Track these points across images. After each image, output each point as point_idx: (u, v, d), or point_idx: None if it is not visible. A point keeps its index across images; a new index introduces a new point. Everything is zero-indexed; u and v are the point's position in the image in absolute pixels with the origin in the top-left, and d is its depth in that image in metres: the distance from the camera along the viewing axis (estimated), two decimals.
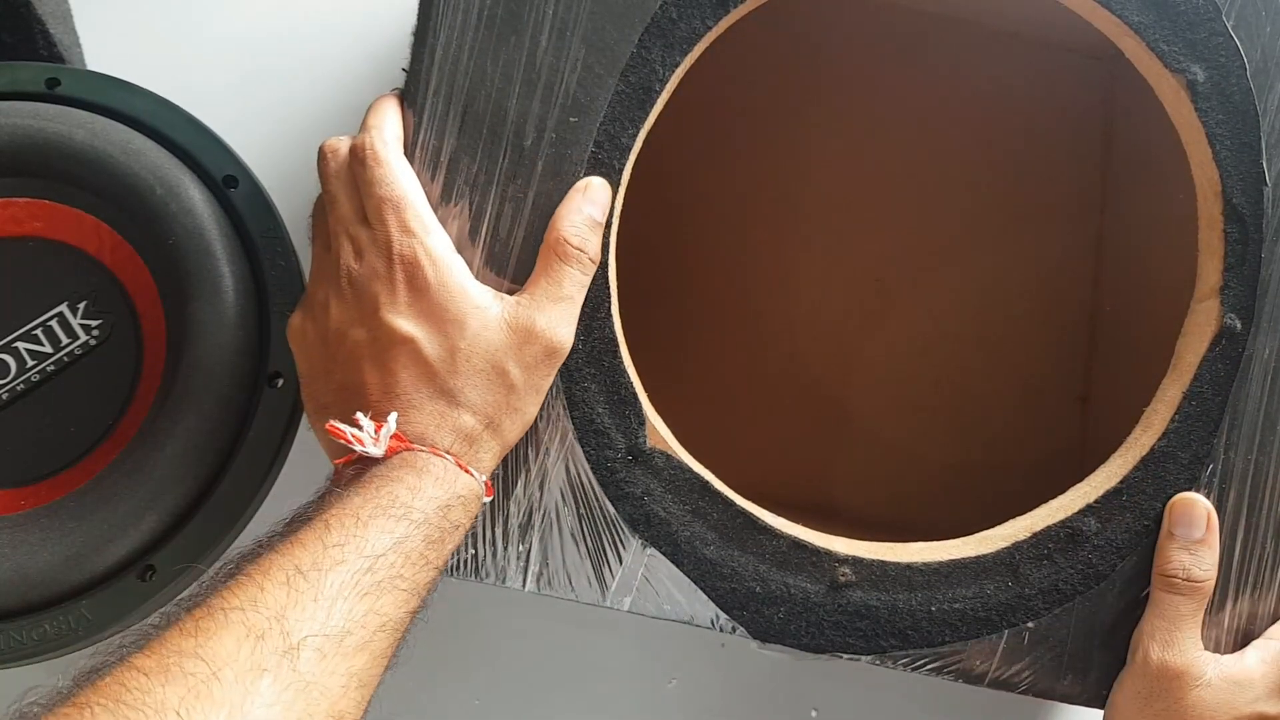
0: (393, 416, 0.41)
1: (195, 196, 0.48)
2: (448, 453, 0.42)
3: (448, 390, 0.42)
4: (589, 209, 0.45)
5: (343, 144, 0.45)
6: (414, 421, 0.42)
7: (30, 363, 0.49)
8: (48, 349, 0.49)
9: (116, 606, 0.46)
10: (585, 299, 0.45)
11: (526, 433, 0.45)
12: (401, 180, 0.43)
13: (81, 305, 0.49)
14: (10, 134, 0.48)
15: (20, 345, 0.49)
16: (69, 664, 0.32)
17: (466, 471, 0.42)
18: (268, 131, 0.62)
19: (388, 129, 0.45)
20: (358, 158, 0.44)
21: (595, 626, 0.61)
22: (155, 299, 0.49)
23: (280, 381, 0.49)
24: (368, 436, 0.41)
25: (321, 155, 0.46)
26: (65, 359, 0.49)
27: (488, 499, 0.44)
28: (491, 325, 0.43)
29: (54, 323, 0.49)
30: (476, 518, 0.44)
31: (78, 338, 0.49)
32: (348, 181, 0.44)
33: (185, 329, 0.47)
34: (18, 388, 0.49)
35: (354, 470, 0.41)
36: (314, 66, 0.63)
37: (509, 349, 0.43)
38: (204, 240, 0.48)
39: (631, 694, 0.62)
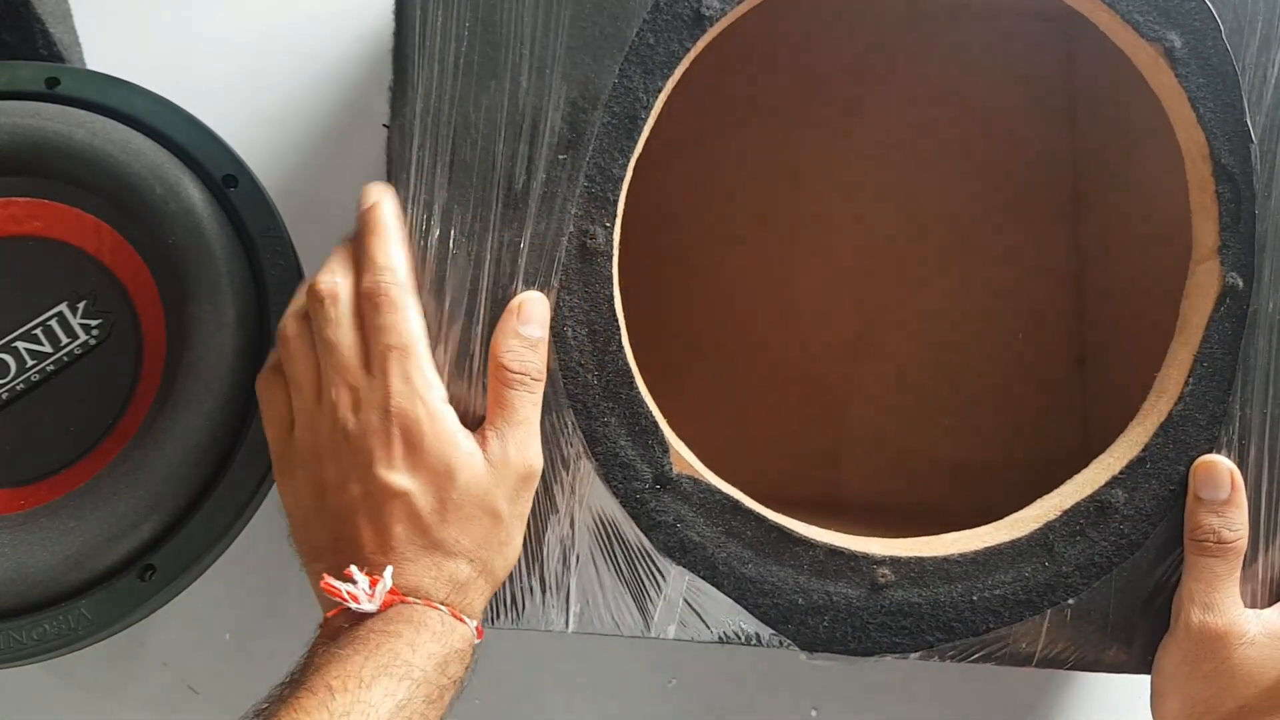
0: (388, 571, 0.41)
1: (195, 196, 0.48)
2: (442, 604, 0.42)
3: (439, 541, 0.42)
4: (525, 328, 0.44)
5: (340, 287, 0.44)
6: (408, 574, 0.42)
7: (30, 362, 0.49)
8: (47, 348, 0.49)
9: (116, 606, 0.46)
10: (595, 335, 0.45)
11: (552, 475, 0.46)
12: (413, 327, 0.43)
13: (81, 305, 0.49)
14: (10, 133, 0.48)
15: (20, 345, 0.49)
16: (68, 664, 0.32)
17: (461, 620, 0.42)
18: (268, 131, 0.62)
19: (399, 268, 0.44)
20: (371, 301, 0.43)
21: None
22: (155, 298, 0.49)
23: None
24: (362, 593, 0.40)
25: (317, 299, 0.43)
26: (65, 358, 0.49)
27: (478, 641, 0.44)
28: (478, 469, 0.43)
29: (54, 322, 0.49)
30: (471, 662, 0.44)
31: (77, 337, 0.49)
32: (349, 328, 0.43)
33: (185, 328, 0.47)
34: (17, 387, 0.49)
35: (347, 622, 0.41)
36: (314, 66, 0.63)
37: (494, 486, 0.43)
38: (204, 240, 0.48)
39: (631, 694, 0.62)
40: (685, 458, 0.46)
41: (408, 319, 0.43)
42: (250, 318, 0.48)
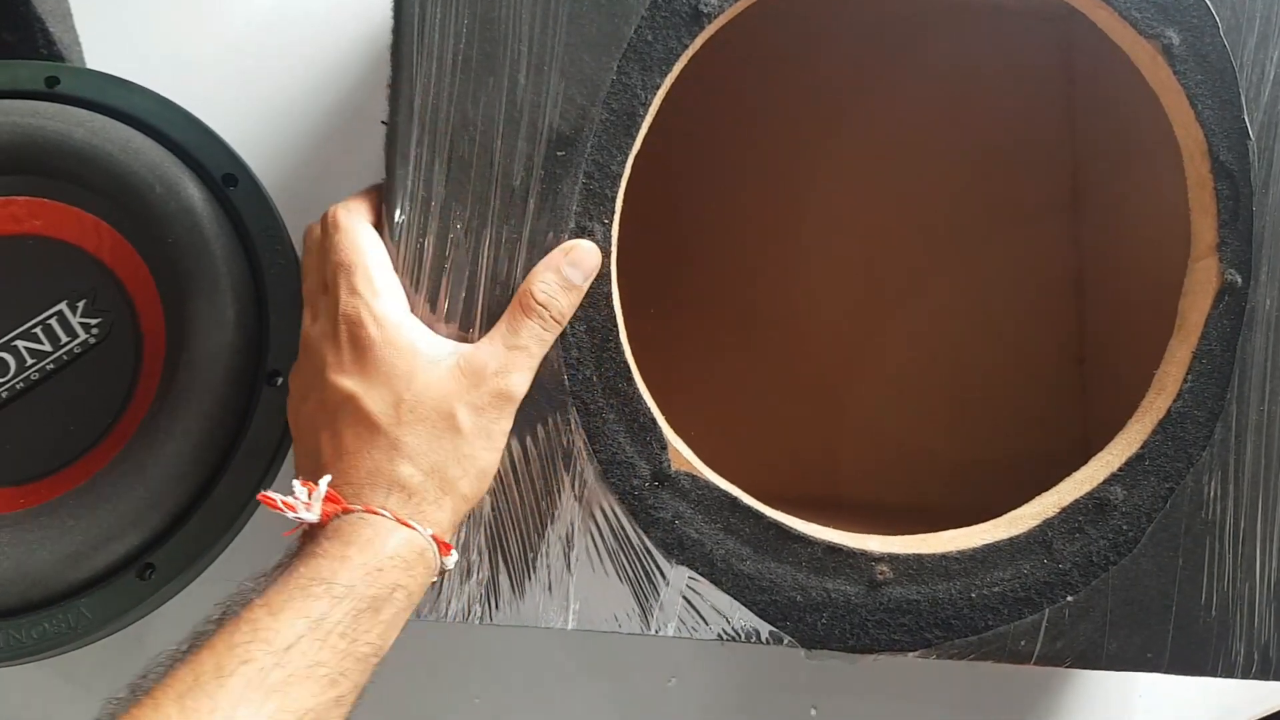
0: (324, 479, 0.40)
1: (194, 195, 0.49)
2: (383, 509, 0.41)
3: (391, 441, 0.42)
4: (568, 270, 0.45)
5: (316, 226, 0.47)
6: (352, 480, 0.41)
7: (30, 361, 0.49)
8: (47, 347, 0.49)
9: (116, 605, 0.47)
10: (593, 332, 0.45)
11: (552, 471, 0.45)
12: (358, 244, 0.44)
13: (81, 303, 0.49)
14: (10, 132, 0.48)
15: (20, 343, 0.49)
16: (68, 663, 0.32)
17: (406, 526, 0.41)
18: (268, 131, 0.62)
19: (354, 199, 0.46)
20: (324, 227, 0.45)
21: None
22: (154, 297, 0.49)
23: (279, 380, 0.49)
24: (300, 503, 0.40)
25: (306, 234, 0.47)
26: (65, 357, 0.49)
27: (448, 557, 0.43)
28: (442, 374, 0.43)
29: (53, 321, 0.49)
30: (442, 571, 0.43)
31: (77, 336, 0.49)
32: (318, 254, 0.46)
33: (184, 327, 0.48)
34: (17, 386, 0.49)
35: (298, 541, 0.41)
36: (314, 66, 0.63)
37: (458, 393, 0.43)
38: (203, 239, 0.48)
39: (631, 694, 0.62)
40: (684, 455, 0.46)
41: (349, 237, 0.44)
42: (249, 316, 0.48)
